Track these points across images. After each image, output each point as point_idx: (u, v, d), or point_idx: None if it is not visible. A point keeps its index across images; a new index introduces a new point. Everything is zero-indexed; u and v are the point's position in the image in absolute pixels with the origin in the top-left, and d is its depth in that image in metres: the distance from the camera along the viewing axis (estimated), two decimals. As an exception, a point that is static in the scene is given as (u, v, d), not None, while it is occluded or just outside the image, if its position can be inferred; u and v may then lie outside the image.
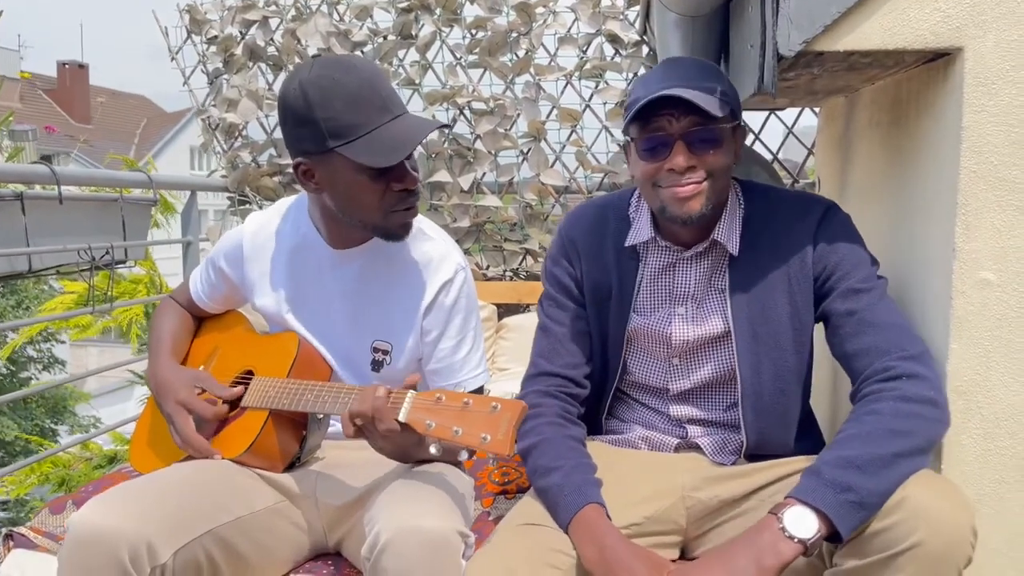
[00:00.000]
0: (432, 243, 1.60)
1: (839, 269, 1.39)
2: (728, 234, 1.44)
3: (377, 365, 1.58)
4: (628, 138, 1.44)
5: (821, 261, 1.40)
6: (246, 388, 1.57)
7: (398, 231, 1.50)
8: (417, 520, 1.25)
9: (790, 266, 1.41)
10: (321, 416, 1.54)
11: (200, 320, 1.79)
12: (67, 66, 25.42)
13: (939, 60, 1.41)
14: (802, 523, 1.14)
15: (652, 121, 1.36)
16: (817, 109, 2.48)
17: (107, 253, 2.24)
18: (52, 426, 12.06)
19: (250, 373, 1.59)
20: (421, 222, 1.59)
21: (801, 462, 1.36)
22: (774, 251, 1.43)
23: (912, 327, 1.35)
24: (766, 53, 1.41)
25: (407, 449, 1.39)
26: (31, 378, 12.98)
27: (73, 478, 3.22)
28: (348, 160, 1.38)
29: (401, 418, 1.28)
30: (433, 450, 1.26)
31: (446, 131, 3.33)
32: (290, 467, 1.57)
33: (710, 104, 1.32)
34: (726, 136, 1.39)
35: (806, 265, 1.41)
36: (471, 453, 1.29)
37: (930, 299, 1.45)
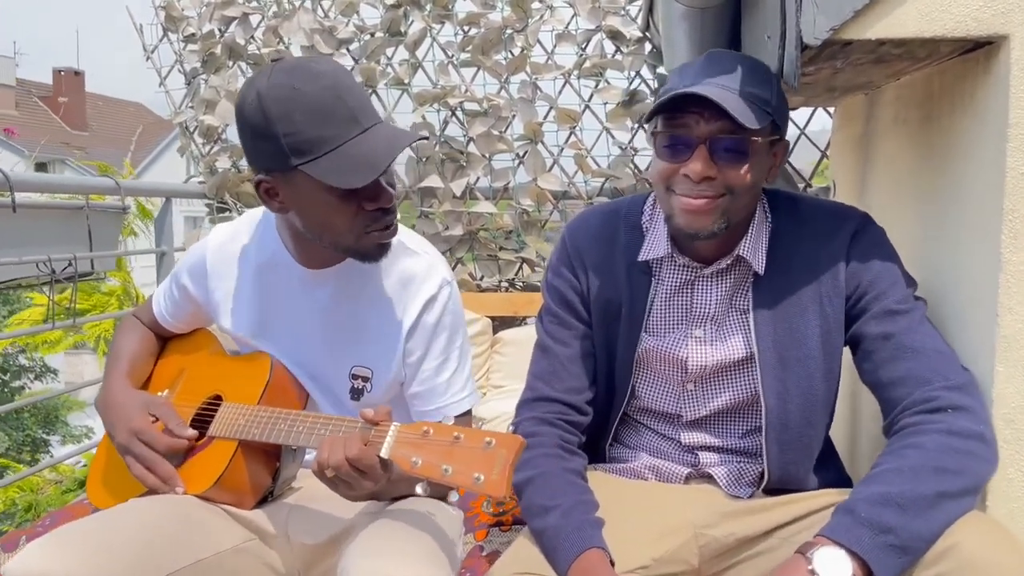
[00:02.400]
0: (415, 258, 1.49)
1: (873, 288, 1.29)
2: (754, 250, 1.34)
3: (356, 393, 1.48)
4: (651, 130, 1.33)
5: (854, 279, 1.30)
6: (206, 427, 1.46)
7: (374, 253, 1.39)
8: (395, 573, 1.15)
9: (821, 285, 1.32)
10: (296, 447, 1.43)
11: (165, 340, 1.69)
12: (63, 73, 25.61)
13: (978, 50, 1.30)
14: (834, 565, 1.05)
15: (678, 117, 1.25)
16: (831, 109, 2.39)
17: (69, 264, 2.12)
18: (44, 436, 11.98)
19: (218, 399, 1.49)
20: (403, 234, 1.49)
21: (826, 496, 1.29)
22: (804, 269, 1.33)
23: (955, 354, 1.25)
24: (786, 43, 1.32)
25: (384, 490, 1.28)
26: (23, 387, 12.91)
27: (41, 503, 3.10)
28: (314, 179, 1.27)
29: (383, 454, 1.17)
30: (419, 491, 1.15)
31: (437, 135, 3.27)
32: (263, 500, 1.46)
33: (743, 111, 1.20)
34: (759, 151, 1.27)
35: (838, 283, 1.31)
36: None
37: (971, 317, 1.34)
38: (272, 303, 1.50)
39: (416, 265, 1.47)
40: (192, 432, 1.43)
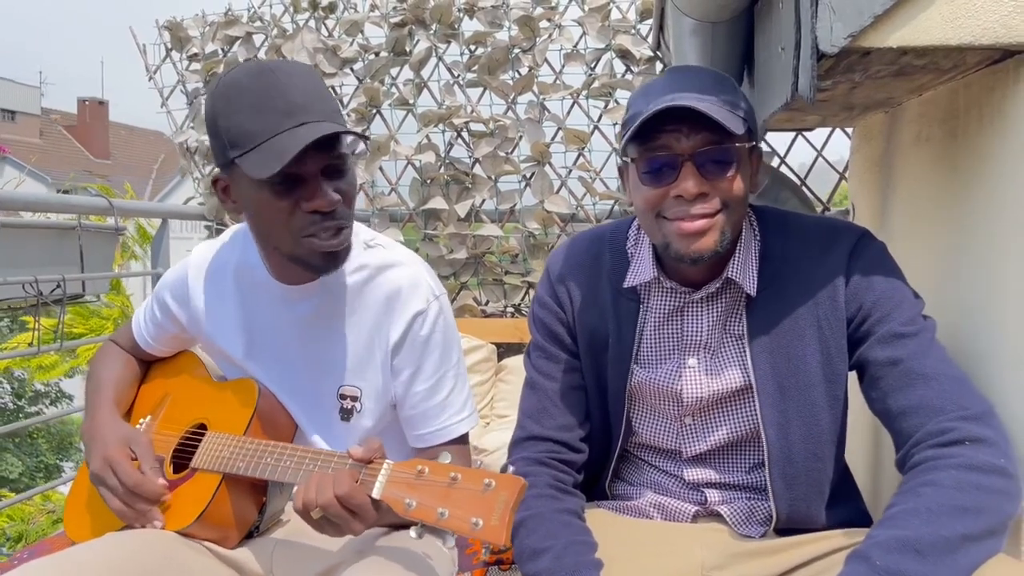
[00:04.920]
0: (399, 270, 1.41)
1: (877, 309, 1.22)
2: (744, 271, 1.27)
3: (346, 414, 1.43)
4: (625, 160, 1.27)
5: (856, 299, 1.23)
6: (190, 457, 1.40)
7: (320, 262, 1.30)
8: None
9: (819, 306, 1.25)
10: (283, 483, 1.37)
11: (148, 364, 1.64)
12: (87, 103, 26.23)
13: (1008, 60, 1.23)
14: None
15: (656, 138, 1.18)
16: (849, 130, 2.33)
17: (58, 286, 2.07)
18: (57, 462, 11.98)
19: (203, 427, 1.44)
20: (387, 245, 1.44)
21: (843, 537, 1.23)
22: (799, 289, 1.26)
23: (970, 380, 1.17)
24: (801, 53, 1.24)
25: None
26: (39, 412, 12.97)
27: (32, 533, 3.03)
28: (247, 174, 1.23)
29: (375, 494, 1.11)
30: (413, 535, 1.09)
31: (442, 156, 3.23)
32: (248, 535, 1.40)
33: (727, 117, 1.14)
34: (744, 158, 1.22)
35: (838, 305, 1.24)
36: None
37: (1005, 350, 1.25)
38: (257, 322, 1.45)
39: (400, 277, 1.40)
40: (162, 482, 1.36)
